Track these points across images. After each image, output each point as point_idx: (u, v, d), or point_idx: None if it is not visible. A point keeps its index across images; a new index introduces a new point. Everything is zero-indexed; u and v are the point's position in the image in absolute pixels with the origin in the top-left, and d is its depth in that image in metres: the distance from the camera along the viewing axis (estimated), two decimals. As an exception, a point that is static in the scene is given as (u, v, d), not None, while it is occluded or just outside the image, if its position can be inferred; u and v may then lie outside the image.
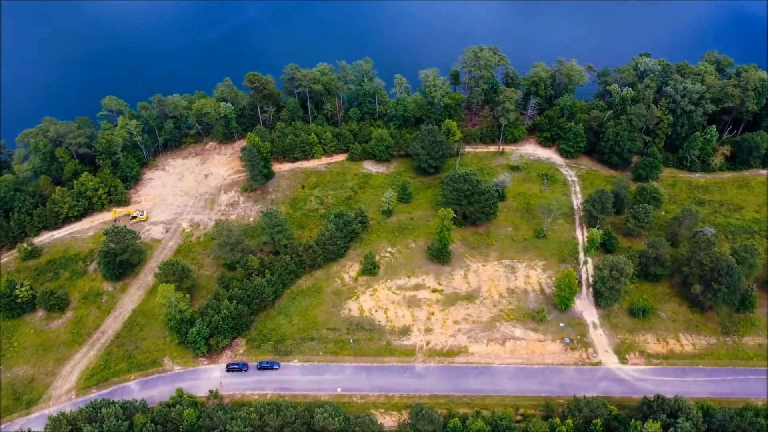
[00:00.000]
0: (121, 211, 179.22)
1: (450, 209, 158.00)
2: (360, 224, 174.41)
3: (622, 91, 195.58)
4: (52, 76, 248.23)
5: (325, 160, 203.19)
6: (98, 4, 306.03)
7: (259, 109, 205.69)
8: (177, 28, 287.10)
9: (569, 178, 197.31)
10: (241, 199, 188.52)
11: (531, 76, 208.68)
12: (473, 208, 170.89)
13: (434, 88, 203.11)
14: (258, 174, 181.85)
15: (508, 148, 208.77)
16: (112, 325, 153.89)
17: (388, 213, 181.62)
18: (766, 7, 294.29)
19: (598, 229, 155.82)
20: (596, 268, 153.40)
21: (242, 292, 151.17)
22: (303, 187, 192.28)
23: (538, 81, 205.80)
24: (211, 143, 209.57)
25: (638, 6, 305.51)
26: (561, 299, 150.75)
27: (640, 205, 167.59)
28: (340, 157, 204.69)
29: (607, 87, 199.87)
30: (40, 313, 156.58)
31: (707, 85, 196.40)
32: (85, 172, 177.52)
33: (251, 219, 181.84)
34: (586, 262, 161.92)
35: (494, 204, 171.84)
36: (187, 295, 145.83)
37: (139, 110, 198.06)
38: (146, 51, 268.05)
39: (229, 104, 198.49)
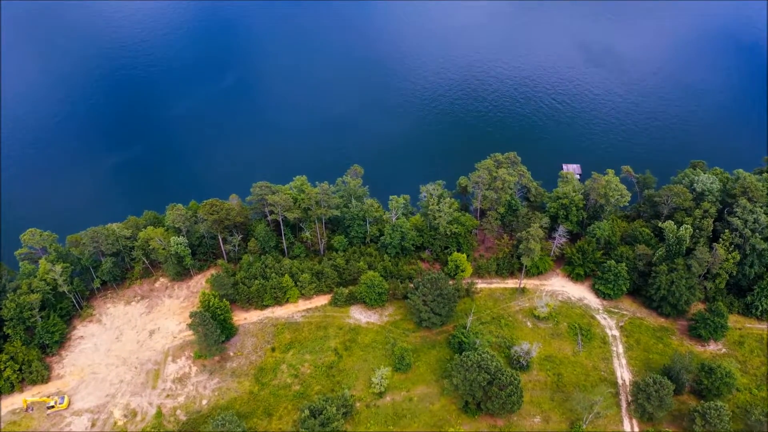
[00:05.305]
0: (33, 399, 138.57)
1: (460, 429, 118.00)
2: (343, 416, 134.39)
3: (676, 224, 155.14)
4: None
5: (302, 304, 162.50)
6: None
7: (221, 240, 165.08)
8: (116, 111, 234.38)
9: (609, 332, 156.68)
10: (194, 369, 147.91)
11: (559, 195, 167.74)
12: (491, 404, 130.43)
13: (438, 213, 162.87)
14: (213, 343, 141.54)
15: (530, 284, 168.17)
16: None
17: (380, 393, 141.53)
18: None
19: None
20: None
21: None
22: (273, 349, 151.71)
23: (568, 204, 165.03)
24: (162, 280, 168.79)
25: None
26: None
27: (712, 405, 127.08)
28: (322, 300, 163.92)
29: (660, 224, 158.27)
30: None
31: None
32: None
33: (204, 402, 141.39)
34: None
35: (519, 397, 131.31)
36: None
37: (68, 247, 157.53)
38: (82, 145, 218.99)
39: (182, 238, 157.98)
